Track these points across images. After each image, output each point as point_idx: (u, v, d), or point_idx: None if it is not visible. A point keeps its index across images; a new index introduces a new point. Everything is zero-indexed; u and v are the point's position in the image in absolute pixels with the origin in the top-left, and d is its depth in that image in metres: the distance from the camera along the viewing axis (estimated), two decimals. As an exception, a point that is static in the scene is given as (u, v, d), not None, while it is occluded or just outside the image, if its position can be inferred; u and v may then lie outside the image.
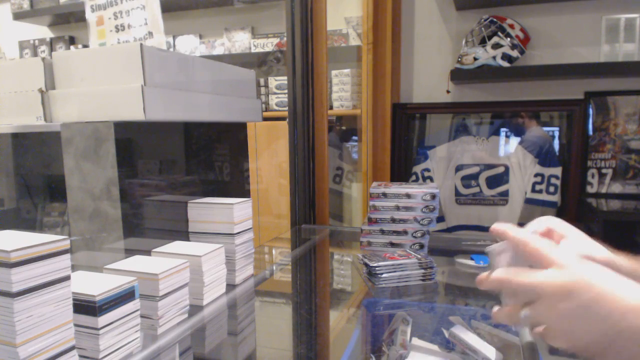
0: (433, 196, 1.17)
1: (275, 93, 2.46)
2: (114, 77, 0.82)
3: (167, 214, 0.98)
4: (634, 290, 0.44)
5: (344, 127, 2.40)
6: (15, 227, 0.59)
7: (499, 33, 1.84)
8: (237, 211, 0.95)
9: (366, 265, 1.03)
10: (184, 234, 0.99)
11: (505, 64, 1.84)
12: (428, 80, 2.10)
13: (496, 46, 1.84)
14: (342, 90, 2.28)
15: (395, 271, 1.00)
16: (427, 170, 2.07)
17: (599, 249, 0.60)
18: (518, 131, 2.00)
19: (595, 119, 1.90)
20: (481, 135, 2.04)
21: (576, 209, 1.92)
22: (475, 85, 2.04)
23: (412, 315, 0.66)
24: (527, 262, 0.51)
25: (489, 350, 0.65)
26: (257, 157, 2.09)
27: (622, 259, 0.60)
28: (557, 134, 1.97)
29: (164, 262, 0.77)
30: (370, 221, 1.21)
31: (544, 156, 1.92)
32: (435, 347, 0.69)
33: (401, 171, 2.13)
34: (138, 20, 0.96)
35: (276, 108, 2.45)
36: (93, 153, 0.84)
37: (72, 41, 3.01)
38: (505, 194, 1.97)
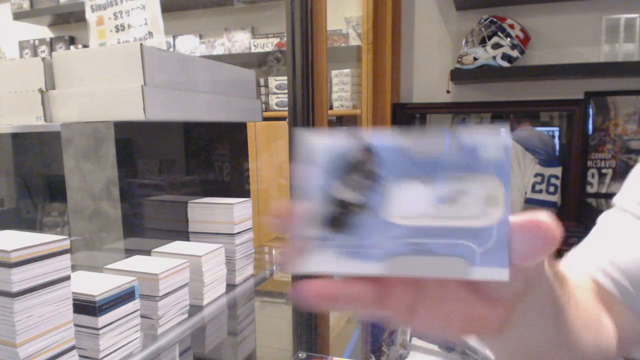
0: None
1: (275, 93, 2.45)
2: (113, 77, 0.82)
3: (167, 214, 0.98)
4: None
5: (344, 127, 2.40)
6: (15, 227, 0.59)
7: (499, 33, 1.84)
8: (237, 211, 0.95)
9: (366, 265, 1.03)
10: (184, 234, 0.99)
11: (505, 64, 1.84)
12: (428, 80, 2.10)
13: (496, 46, 1.84)
14: (342, 90, 2.28)
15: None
16: (427, 170, 2.07)
17: None
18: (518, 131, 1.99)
19: (595, 119, 1.90)
20: (481, 135, 2.03)
21: (576, 209, 1.92)
22: (475, 85, 2.04)
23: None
24: None
25: (489, 350, 0.65)
26: (257, 157, 2.09)
27: None
28: (557, 134, 1.97)
29: (164, 262, 0.77)
30: (370, 221, 1.21)
31: (544, 156, 1.92)
32: (435, 347, 0.69)
33: (401, 171, 2.13)
34: (138, 20, 0.96)
35: (276, 108, 2.45)
36: (93, 153, 0.84)
37: (72, 41, 3.01)
38: (505, 194, 1.97)
